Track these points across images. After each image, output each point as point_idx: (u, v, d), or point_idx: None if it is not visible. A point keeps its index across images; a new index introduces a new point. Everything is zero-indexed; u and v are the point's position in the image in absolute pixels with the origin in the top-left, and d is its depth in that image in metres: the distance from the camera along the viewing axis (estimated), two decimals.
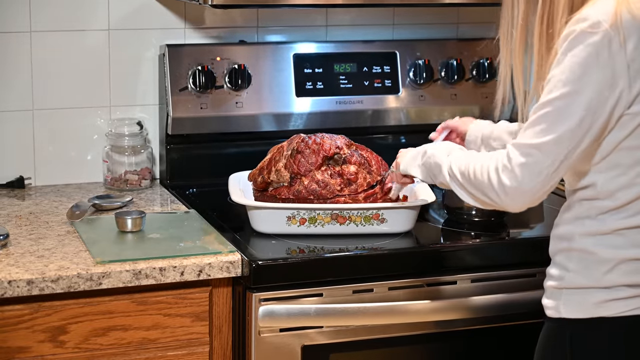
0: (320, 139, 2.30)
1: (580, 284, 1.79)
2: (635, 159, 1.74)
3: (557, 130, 1.70)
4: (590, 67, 1.68)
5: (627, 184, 1.74)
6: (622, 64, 1.68)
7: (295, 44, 2.72)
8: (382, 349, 2.18)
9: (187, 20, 2.72)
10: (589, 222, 1.79)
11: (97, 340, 2.04)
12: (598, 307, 1.77)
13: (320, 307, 2.10)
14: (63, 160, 2.68)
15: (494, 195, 1.78)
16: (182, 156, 2.68)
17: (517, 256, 2.26)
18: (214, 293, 2.12)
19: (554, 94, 1.70)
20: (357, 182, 2.27)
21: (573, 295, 1.80)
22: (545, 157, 1.71)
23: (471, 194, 1.84)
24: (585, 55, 1.68)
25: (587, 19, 1.69)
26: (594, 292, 1.77)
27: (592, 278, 1.78)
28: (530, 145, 1.72)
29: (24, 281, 1.95)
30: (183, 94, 2.61)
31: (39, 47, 2.60)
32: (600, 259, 1.77)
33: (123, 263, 2.03)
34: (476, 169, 1.81)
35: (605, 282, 1.76)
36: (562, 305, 1.81)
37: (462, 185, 1.85)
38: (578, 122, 1.69)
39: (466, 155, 1.88)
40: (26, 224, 2.30)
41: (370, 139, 2.78)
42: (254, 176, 2.32)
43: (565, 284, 1.81)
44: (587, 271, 1.78)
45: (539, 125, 1.72)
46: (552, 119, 1.70)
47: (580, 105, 1.69)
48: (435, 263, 2.21)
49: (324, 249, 2.15)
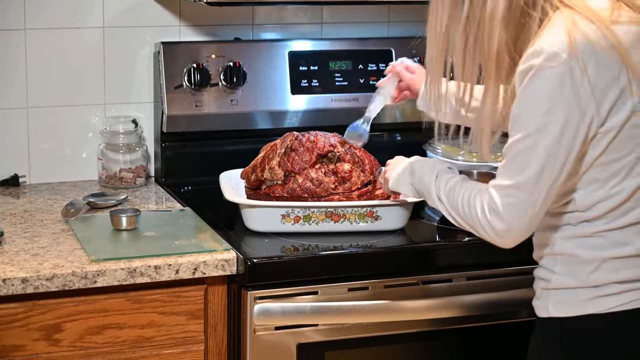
0: (314, 137, 2.30)
1: (567, 284, 1.79)
2: (611, 173, 1.73)
3: (533, 167, 1.69)
4: (556, 100, 1.65)
5: (604, 197, 1.74)
6: (586, 91, 1.66)
7: (290, 41, 2.72)
8: (377, 347, 2.19)
9: (182, 18, 2.71)
10: (569, 228, 1.79)
11: (92, 339, 2.04)
12: (587, 304, 1.77)
13: (316, 305, 2.10)
14: (58, 158, 2.68)
15: (484, 234, 1.77)
16: (177, 154, 2.67)
17: (512, 254, 2.25)
18: (209, 291, 2.12)
19: (524, 132, 1.68)
20: (351, 181, 2.27)
21: (562, 295, 1.80)
22: (529, 195, 1.70)
23: (461, 225, 1.83)
24: (549, 89, 1.65)
25: (541, 52, 1.66)
26: (582, 291, 1.78)
27: (578, 279, 1.78)
28: (509, 186, 1.71)
29: (19, 279, 1.95)
30: (178, 91, 2.61)
31: (34, 44, 2.60)
32: (584, 260, 1.77)
33: (118, 261, 2.03)
34: (464, 203, 1.80)
35: (592, 281, 1.77)
36: (551, 304, 1.81)
37: (452, 215, 1.84)
38: (553, 155, 1.68)
39: (454, 185, 1.85)
40: (21, 222, 2.30)
41: None
42: (247, 174, 2.32)
43: (553, 285, 1.81)
44: (573, 272, 1.78)
45: (514, 164, 1.71)
46: (525, 156, 1.69)
47: (552, 139, 1.67)
48: (430, 261, 2.21)
49: (319, 247, 2.15)
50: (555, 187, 1.71)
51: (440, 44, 1.80)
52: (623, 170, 1.73)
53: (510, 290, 2.22)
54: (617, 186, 1.73)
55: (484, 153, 1.83)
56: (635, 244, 1.75)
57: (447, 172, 1.91)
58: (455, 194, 1.83)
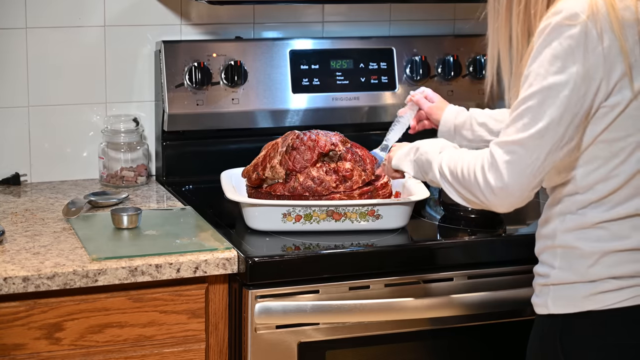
0: (315, 136, 2.30)
1: (566, 279, 1.80)
2: (613, 152, 1.74)
3: (538, 125, 1.69)
4: (569, 60, 1.67)
5: (605, 177, 1.75)
6: (599, 56, 1.67)
7: (291, 40, 2.72)
8: (379, 346, 2.18)
9: (183, 17, 2.71)
10: (570, 217, 1.79)
11: (93, 337, 2.04)
12: (585, 300, 1.77)
13: (317, 304, 2.10)
14: (59, 157, 2.68)
15: (481, 195, 1.76)
16: (178, 153, 2.68)
17: (514, 253, 2.26)
18: (210, 290, 2.12)
19: (534, 88, 1.69)
20: (353, 179, 2.27)
21: (560, 291, 1.81)
22: (530, 153, 1.70)
23: (460, 193, 1.83)
24: (564, 47, 1.67)
25: (562, 11, 1.68)
26: (581, 287, 1.78)
27: (577, 273, 1.78)
28: (513, 142, 1.71)
29: (20, 278, 1.95)
30: (179, 90, 2.61)
31: (35, 43, 2.60)
32: (584, 253, 1.78)
33: (119, 260, 2.03)
34: (464, 168, 1.80)
35: (590, 276, 1.77)
36: (550, 301, 1.81)
37: (451, 184, 1.84)
38: (559, 115, 1.68)
39: (457, 154, 1.86)
40: (22, 221, 2.30)
41: (367, 136, 2.78)
42: (248, 173, 2.32)
43: (552, 281, 1.82)
44: (572, 266, 1.79)
45: (520, 120, 1.71)
46: (532, 113, 1.69)
47: (560, 98, 1.68)
48: (431, 260, 2.21)
49: (320, 246, 2.15)
50: (558, 149, 1.70)
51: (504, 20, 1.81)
52: (624, 151, 1.73)
53: (511, 289, 2.21)
54: (617, 168, 1.74)
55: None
56: (634, 237, 1.76)
57: (453, 148, 1.92)
58: (456, 162, 1.82)
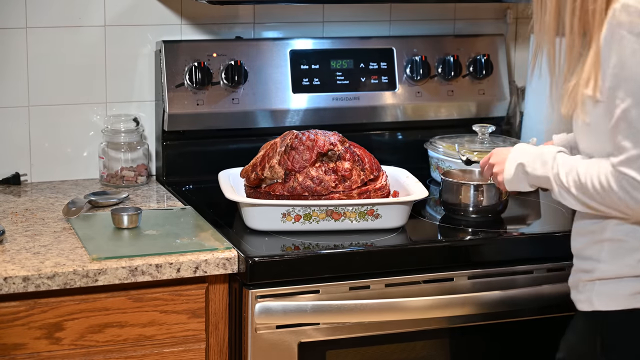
0: (314, 135, 2.30)
1: (612, 273, 1.77)
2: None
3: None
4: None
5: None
6: None
7: (291, 40, 2.72)
8: (379, 346, 2.18)
9: (183, 17, 2.71)
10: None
11: (93, 337, 2.04)
12: (632, 298, 1.75)
13: (317, 303, 2.10)
14: (59, 157, 2.68)
15: (627, 210, 1.71)
16: (179, 152, 2.68)
17: (514, 253, 2.26)
18: (210, 290, 2.12)
19: (633, 98, 1.64)
20: (352, 179, 2.27)
21: (605, 287, 1.78)
22: None
23: (593, 207, 1.77)
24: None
25: (628, 7, 1.62)
26: (627, 282, 1.76)
27: (624, 266, 1.76)
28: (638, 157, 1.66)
29: (20, 278, 1.95)
30: (179, 90, 2.61)
31: (35, 43, 2.60)
32: (633, 247, 1.76)
33: (119, 260, 2.03)
34: (595, 186, 1.73)
35: (638, 270, 1.75)
36: (595, 297, 1.79)
37: (582, 200, 1.77)
38: None
39: (569, 168, 1.79)
40: (22, 221, 2.30)
41: (367, 136, 2.78)
42: (247, 173, 2.32)
43: (597, 276, 1.79)
44: (619, 260, 1.77)
45: (636, 132, 1.66)
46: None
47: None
48: (432, 260, 2.21)
49: (319, 246, 2.15)
50: None
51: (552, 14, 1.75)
52: None
53: (512, 289, 2.21)
54: None
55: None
56: None
57: (556, 157, 1.84)
58: (580, 179, 1.76)
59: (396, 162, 2.56)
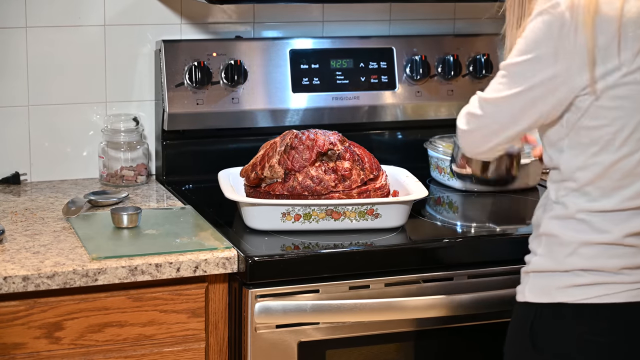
0: (313, 135, 2.30)
1: (543, 267, 1.83)
2: (591, 139, 1.77)
3: (506, 92, 1.80)
4: (541, 43, 1.74)
5: (584, 165, 1.79)
6: (569, 48, 1.72)
7: (291, 39, 2.72)
8: (379, 345, 2.19)
9: (183, 16, 2.71)
10: (555, 206, 1.84)
11: (93, 337, 2.04)
12: (559, 292, 1.80)
13: (317, 303, 2.10)
14: (59, 156, 2.68)
15: (458, 132, 1.91)
16: (178, 152, 2.67)
17: (514, 252, 2.26)
18: (210, 289, 2.12)
19: (511, 60, 1.79)
20: (351, 179, 2.27)
21: (538, 280, 1.84)
22: (493, 114, 1.83)
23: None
24: (539, 31, 1.74)
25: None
26: (557, 276, 1.81)
27: (554, 260, 1.82)
28: (486, 100, 1.84)
29: (20, 277, 1.95)
30: (179, 89, 2.61)
31: (35, 43, 2.60)
32: (563, 242, 1.81)
33: (119, 259, 2.03)
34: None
35: (565, 266, 1.80)
36: (528, 289, 1.86)
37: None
38: (523, 91, 1.78)
39: None
40: (22, 220, 2.30)
41: (367, 135, 2.78)
42: (247, 172, 2.32)
43: (531, 268, 1.86)
44: (551, 254, 1.83)
45: (495, 84, 1.83)
46: (505, 81, 1.80)
47: (528, 76, 1.77)
48: (431, 259, 2.21)
49: (319, 245, 2.15)
50: (519, 121, 1.80)
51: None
52: (602, 139, 1.77)
53: (512, 288, 2.20)
54: (595, 156, 1.77)
55: None
56: (614, 232, 1.78)
57: None
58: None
59: (396, 161, 2.56)
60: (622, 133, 1.75)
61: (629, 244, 1.78)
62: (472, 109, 1.87)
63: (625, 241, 1.78)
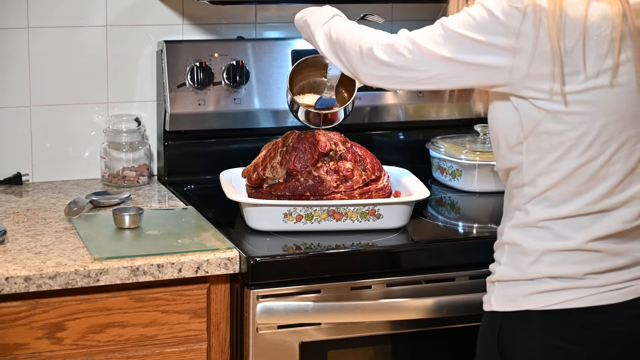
0: (315, 136, 2.30)
1: (508, 276, 1.82)
2: (552, 145, 1.74)
3: (439, 51, 1.75)
4: (499, 34, 1.70)
5: (545, 170, 1.76)
6: (527, 48, 1.68)
7: (293, 40, 2.72)
8: (380, 346, 2.19)
9: (185, 17, 2.71)
10: (517, 213, 1.81)
11: (95, 337, 2.04)
12: (524, 299, 1.79)
13: (318, 304, 2.10)
14: (60, 157, 2.68)
15: (369, 58, 1.86)
16: (180, 152, 2.68)
17: None
18: (211, 290, 2.12)
19: (458, 28, 1.75)
20: (353, 179, 2.27)
21: (503, 289, 1.83)
22: (418, 63, 1.78)
23: (334, 51, 2.01)
24: (498, 19, 1.70)
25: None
26: (521, 285, 1.80)
27: (518, 270, 1.80)
28: (417, 45, 1.78)
29: (22, 278, 1.95)
30: (181, 90, 2.61)
31: (37, 43, 2.60)
32: (525, 250, 1.79)
33: (121, 260, 2.03)
34: (353, 36, 1.94)
35: (530, 274, 1.79)
36: (494, 298, 1.84)
37: (328, 39, 2.05)
38: (456, 62, 1.74)
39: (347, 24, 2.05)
40: (23, 221, 2.30)
41: (369, 136, 2.78)
42: (249, 172, 2.32)
43: (496, 277, 1.85)
44: (514, 263, 1.81)
45: (431, 34, 1.78)
46: (442, 41, 1.76)
47: (470, 53, 1.74)
48: (434, 260, 2.21)
49: (321, 246, 2.15)
50: (435, 83, 1.79)
51: None
52: (563, 145, 1.73)
53: None
54: (556, 162, 1.74)
55: None
56: (576, 239, 1.76)
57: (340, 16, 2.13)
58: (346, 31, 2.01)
59: (398, 162, 2.56)
60: (586, 138, 1.72)
61: (592, 249, 1.76)
62: (398, 44, 1.81)
63: (589, 246, 1.75)
